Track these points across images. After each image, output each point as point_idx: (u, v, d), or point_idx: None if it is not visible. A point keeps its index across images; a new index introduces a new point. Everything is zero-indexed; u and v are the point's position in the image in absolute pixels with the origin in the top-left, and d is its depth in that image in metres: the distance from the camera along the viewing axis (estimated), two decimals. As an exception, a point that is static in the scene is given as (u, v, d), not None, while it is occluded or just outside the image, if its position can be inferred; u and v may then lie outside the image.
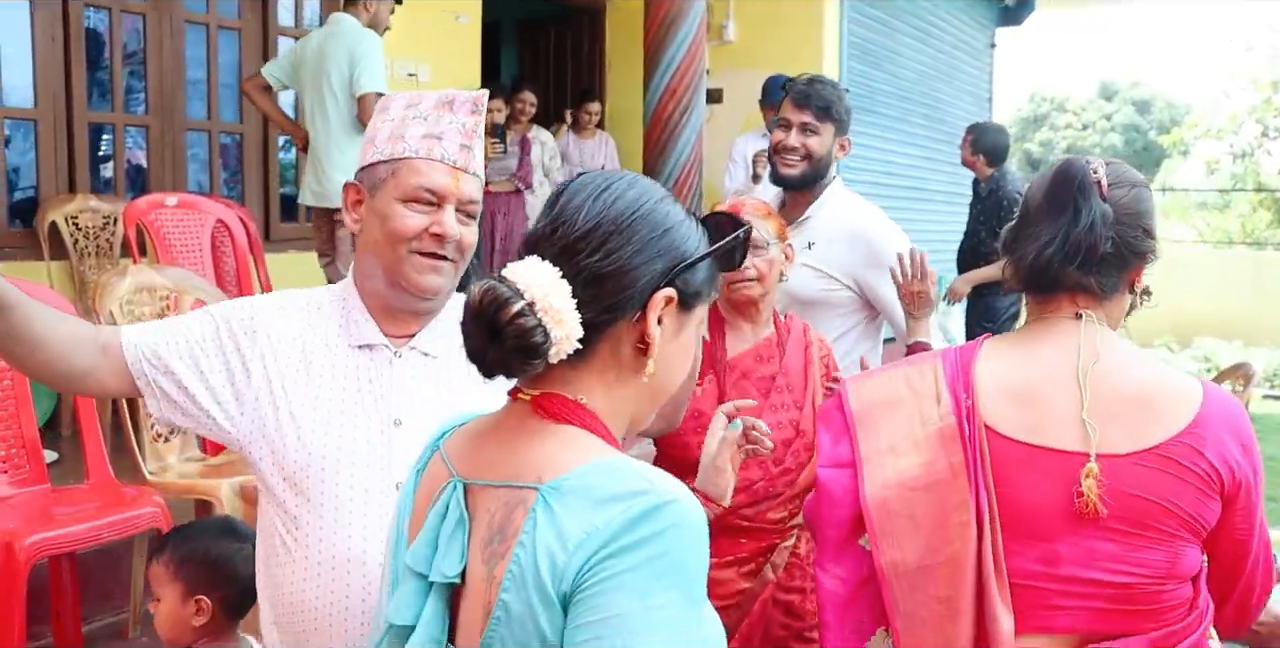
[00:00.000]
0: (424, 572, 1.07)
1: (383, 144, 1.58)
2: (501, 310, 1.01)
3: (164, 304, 3.45)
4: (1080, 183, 1.45)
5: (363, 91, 4.67)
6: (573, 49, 8.40)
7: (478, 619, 1.01)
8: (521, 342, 1.01)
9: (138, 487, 3.01)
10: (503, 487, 1.04)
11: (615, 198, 1.09)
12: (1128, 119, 38.99)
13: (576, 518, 0.97)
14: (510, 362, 1.03)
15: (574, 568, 0.95)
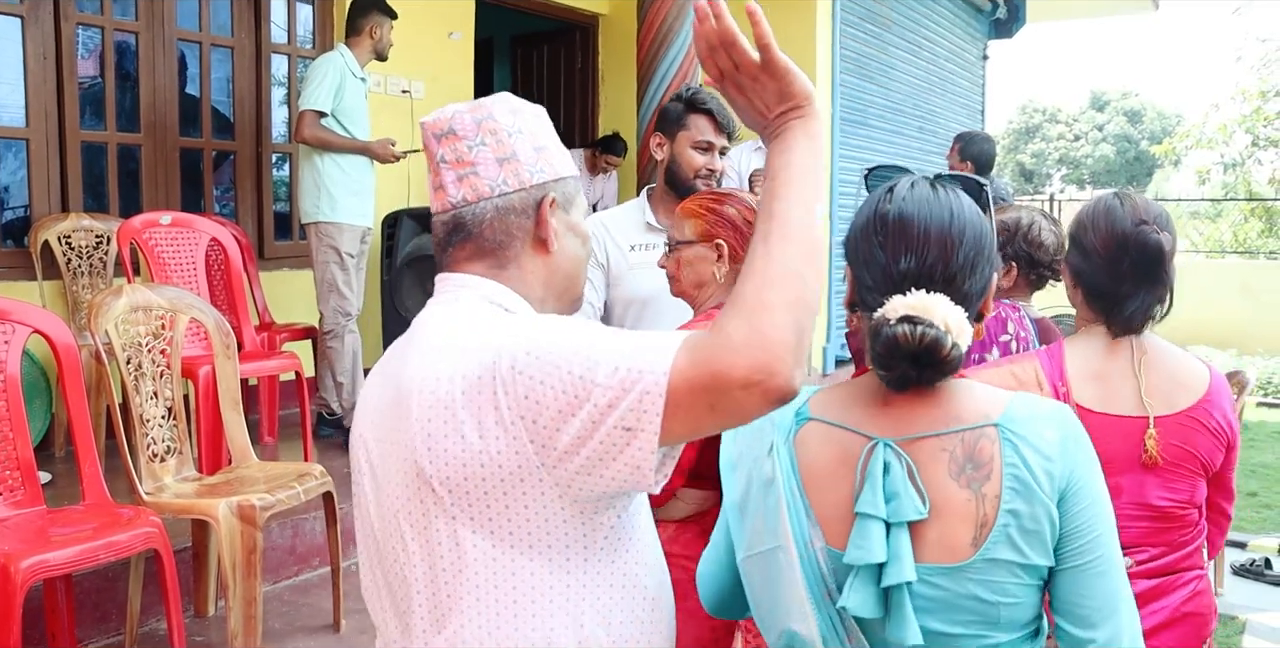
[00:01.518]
0: (882, 516, 1.26)
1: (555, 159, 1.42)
2: (939, 350, 1.25)
3: (159, 323, 3.44)
4: (1160, 256, 1.94)
5: (299, 110, 4.87)
6: (566, 65, 8.42)
7: (968, 531, 1.28)
8: (953, 366, 1.28)
9: (134, 507, 2.99)
10: (945, 434, 1.31)
11: (964, 225, 1.33)
12: (1119, 129, 39.16)
13: (1040, 438, 1.29)
14: (935, 378, 1.30)
15: (1062, 472, 1.29)
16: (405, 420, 1.23)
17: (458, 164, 1.35)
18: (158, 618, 3.36)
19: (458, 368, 1.21)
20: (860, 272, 1.37)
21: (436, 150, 1.37)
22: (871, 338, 1.29)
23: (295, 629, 3.52)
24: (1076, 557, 1.30)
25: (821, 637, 1.30)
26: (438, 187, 1.37)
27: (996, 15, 10.74)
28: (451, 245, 1.37)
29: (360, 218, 5.01)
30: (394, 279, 5.81)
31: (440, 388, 1.21)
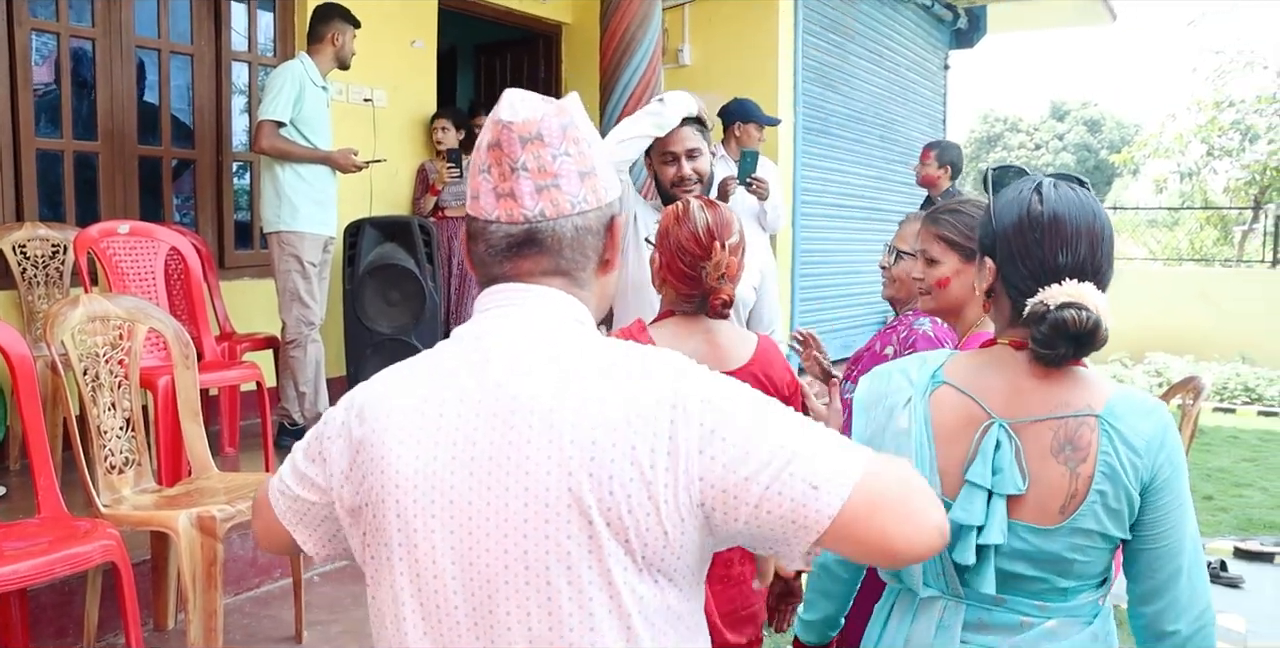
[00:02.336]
0: (987, 486, 1.50)
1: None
2: (1098, 332, 1.47)
3: (117, 333, 3.40)
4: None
5: (258, 120, 4.87)
6: (529, 73, 8.42)
7: (1057, 503, 1.51)
8: (1102, 344, 1.48)
9: (91, 520, 2.95)
10: (1051, 419, 1.52)
11: (1104, 223, 1.55)
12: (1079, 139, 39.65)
13: (1134, 433, 1.49)
14: (1084, 354, 1.51)
15: (1149, 468, 1.50)
16: (548, 445, 1.12)
17: (540, 174, 1.23)
18: (116, 632, 3.32)
19: (625, 392, 1.14)
20: (1012, 264, 1.56)
21: (518, 155, 1.23)
22: (1035, 322, 1.50)
23: (257, 641, 3.49)
24: (1152, 541, 1.54)
25: (924, 571, 1.58)
26: (506, 193, 1.23)
27: (957, 25, 10.84)
28: (519, 256, 1.25)
29: (322, 227, 4.98)
30: (356, 288, 5.78)
31: (608, 411, 1.12)
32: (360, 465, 1.21)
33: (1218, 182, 18.65)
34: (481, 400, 1.16)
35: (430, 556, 1.15)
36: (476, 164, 1.27)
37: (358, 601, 3.85)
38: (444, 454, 1.15)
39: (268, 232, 4.96)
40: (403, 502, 1.16)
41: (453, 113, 6.81)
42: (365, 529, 1.22)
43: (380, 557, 1.20)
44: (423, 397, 1.19)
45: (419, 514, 1.15)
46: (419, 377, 1.23)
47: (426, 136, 6.88)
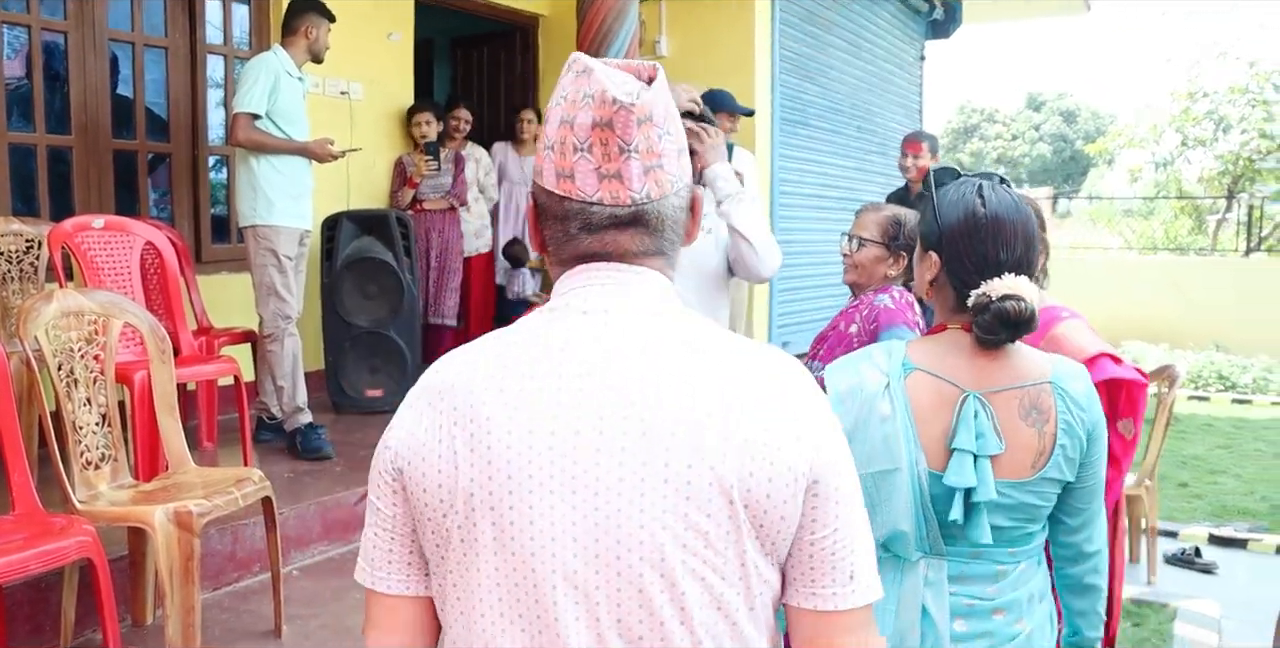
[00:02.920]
0: (973, 450, 1.72)
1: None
2: (1032, 319, 1.71)
3: (92, 328, 3.38)
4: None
5: (233, 113, 4.83)
6: (506, 65, 8.39)
7: (1029, 459, 1.76)
8: (1033, 330, 1.73)
9: (66, 516, 2.94)
10: (1016, 388, 1.77)
11: (1032, 224, 1.80)
12: (1055, 129, 39.83)
13: (1077, 393, 1.79)
14: (1018, 338, 1.76)
15: (1090, 420, 1.80)
16: (690, 430, 1.09)
17: (649, 154, 1.18)
18: (93, 629, 3.31)
19: (770, 388, 1.14)
20: (958, 260, 1.78)
21: (633, 137, 1.16)
22: (979, 311, 1.73)
23: (236, 636, 3.48)
24: (1088, 479, 1.83)
25: (916, 539, 1.76)
26: (613, 175, 1.17)
27: (934, 16, 10.86)
28: (620, 233, 1.20)
29: (298, 220, 4.95)
30: (334, 282, 5.77)
31: (781, 397, 1.14)
32: (462, 451, 1.13)
33: (1192, 171, 18.78)
34: (612, 381, 1.12)
35: (550, 543, 1.10)
36: (566, 142, 1.18)
37: (337, 594, 3.85)
38: (565, 434, 1.10)
39: (243, 225, 4.93)
40: (517, 492, 1.10)
41: (433, 106, 6.80)
42: (459, 520, 1.13)
43: (475, 546, 1.13)
44: (537, 375, 1.14)
45: (537, 505, 1.10)
46: (524, 355, 1.16)
47: (404, 130, 6.86)
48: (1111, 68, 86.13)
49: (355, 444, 5.16)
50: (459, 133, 6.78)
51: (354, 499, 4.38)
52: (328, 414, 5.76)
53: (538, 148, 1.23)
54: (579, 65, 1.20)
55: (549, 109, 1.22)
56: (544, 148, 1.21)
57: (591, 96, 1.17)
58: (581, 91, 1.18)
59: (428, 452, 1.15)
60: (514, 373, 1.14)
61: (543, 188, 1.21)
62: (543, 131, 1.23)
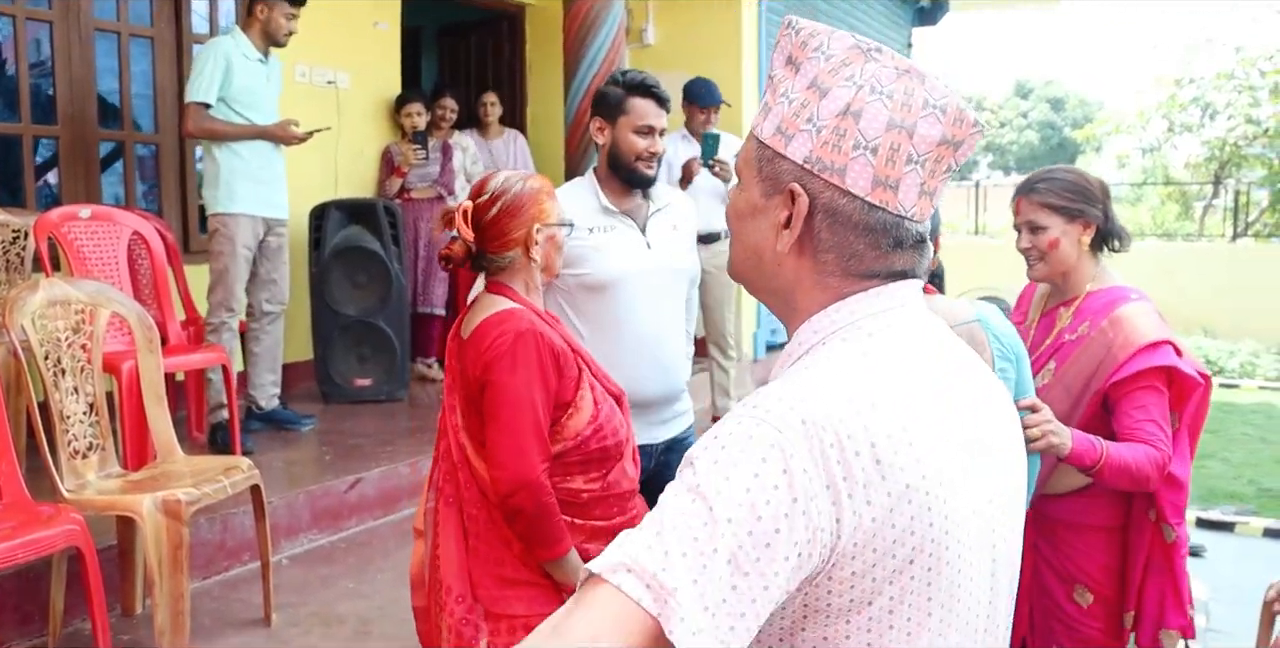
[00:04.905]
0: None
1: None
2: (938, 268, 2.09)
3: (79, 318, 3.38)
4: None
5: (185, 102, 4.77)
6: (493, 54, 8.37)
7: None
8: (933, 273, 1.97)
9: (54, 505, 2.94)
10: (956, 326, 2.04)
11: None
12: (1043, 116, 39.88)
13: (998, 328, 2.20)
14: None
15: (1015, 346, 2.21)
16: (1013, 446, 1.15)
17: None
18: (82, 618, 3.31)
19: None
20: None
21: (966, 157, 1.15)
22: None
23: (225, 625, 3.49)
24: (1021, 396, 2.17)
25: None
26: (930, 193, 1.11)
27: (920, 4, 10.87)
28: (915, 253, 1.14)
29: (263, 208, 4.87)
30: (322, 271, 5.76)
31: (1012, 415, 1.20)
32: (915, 509, 0.98)
33: (1178, 157, 18.84)
34: (966, 405, 1.10)
35: (973, 577, 1.05)
36: (900, 150, 1.07)
37: (326, 583, 3.86)
38: (961, 467, 1.04)
39: (207, 214, 4.90)
40: (956, 532, 1.01)
41: (420, 96, 6.78)
42: (903, 580, 1.00)
43: (931, 595, 1.01)
44: (927, 412, 1.04)
45: (966, 540, 1.03)
46: (915, 394, 1.05)
47: (391, 119, 6.84)
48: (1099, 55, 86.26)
49: (344, 433, 5.17)
50: (446, 122, 6.76)
51: (343, 488, 4.38)
52: (316, 404, 5.75)
53: (826, 139, 1.07)
54: (893, 60, 1.10)
55: (851, 99, 1.07)
56: (853, 146, 1.06)
57: (942, 110, 1.08)
58: (919, 97, 1.08)
59: (880, 525, 0.99)
60: (919, 423, 1.02)
61: (844, 190, 1.07)
62: (842, 123, 1.07)
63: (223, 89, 4.71)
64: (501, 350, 2.10)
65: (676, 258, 2.88)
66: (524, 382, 2.09)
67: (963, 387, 1.10)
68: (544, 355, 2.11)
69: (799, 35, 1.15)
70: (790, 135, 1.10)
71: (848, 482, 0.95)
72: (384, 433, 5.19)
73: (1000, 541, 1.09)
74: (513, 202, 2.19)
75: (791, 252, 1.11)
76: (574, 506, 2.18)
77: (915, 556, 0.98)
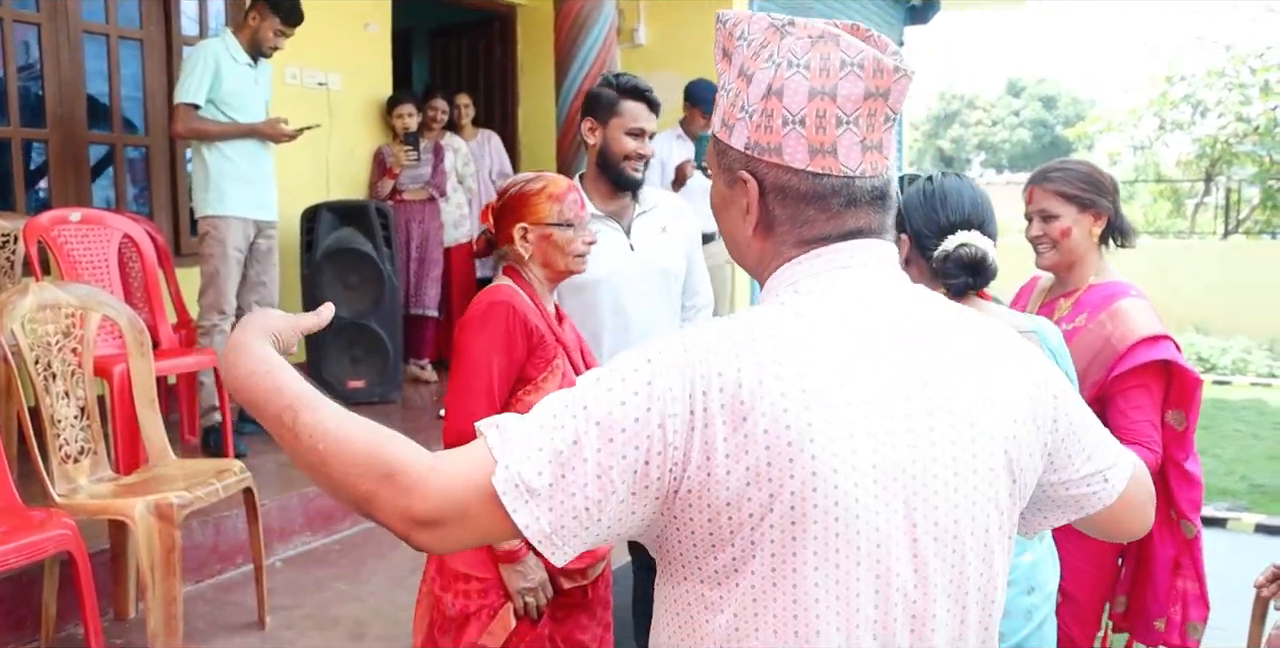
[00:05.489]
0: None
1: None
2: (987, 261, 1.97)
3: (69, 322, 3.37)
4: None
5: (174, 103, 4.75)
6: (485, 55, 8.37)
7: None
8: (993, 275, 1.98)
9: (46, 510, 2.93)
10: None
11: (977, 191, 2.08)
12: (1035, 115, 39.92)
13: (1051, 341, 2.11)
14: (982, 284, 1.99)
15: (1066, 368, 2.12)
16: (988, 413, 1.11)
17: (896, 118, 1.14)
18: (75, 623, 3.30)
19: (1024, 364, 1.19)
20: (919, 231, 2.04)
21: (900, 105, 1.12)
22: (941, 262, 1.98)
23: (219, 628, 3.48)
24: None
25: None
26: (875, 145, 1.12)
27: (912, 3, 10.88)
28: (874, 210, 1.14)
29: (253, 210, 4.84)
30: (314, 273, 5.75)
31: (1022, 381, 1.16)
32: (772, 456, 1.01)
33: (1170, 155, 18.88)
34: (916, 368, 1.09)
35: (875, 538, 1.05)
36: (826, 115, 1.09)
37: (320, 585, 3.85)
38: (883, 424, 1.05)
39: (197, 216, 4.89)
40: (842, 486, 1.03)
41: (412, 98, 6.77)
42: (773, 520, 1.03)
43: (794, 554, 1.04)
44: (840, 365, 1.06)
45: (863, 498, 1.04)
46: (821, 346, 1.06)
47: (383, 120, 6.83)
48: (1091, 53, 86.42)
49: (338, 436, 5.15)
50: (437, 123, 6.75)
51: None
52: (310, 406, 5.74)
53: (758, 123, 1.11)
54: (806, 29, 1.12)
55: (771, 78, 1.11)
56: (782, 123, 1.10)
57: (858, 65, 1.09)
58: (835, 58, 1.09)
59: (734, 466, 1.03)
60: (818, 371, 1.05)
61: (785, 166, 1.11)
62: (765, 104, 1.11)
63: (211, 91, 4.70)
64: (474, 314, 2.22)
65: (663, 259, 2.91)
66: (486, 345, 2.18)
67: (927, 350, 1.10)
68: (513, 325, 2.19)
69: (726, 26, 1.19)
70: (731, 126, 1.16)
71: (707, 413, 1.02)
72: (377, 435, 5.17)
73: (930, 510, 1.07)
74: (508, 201, 2.33)
75: (757, 234, 1.16)
76: None
77: (774, 504, 1.02)
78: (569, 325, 2.40)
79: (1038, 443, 1.17)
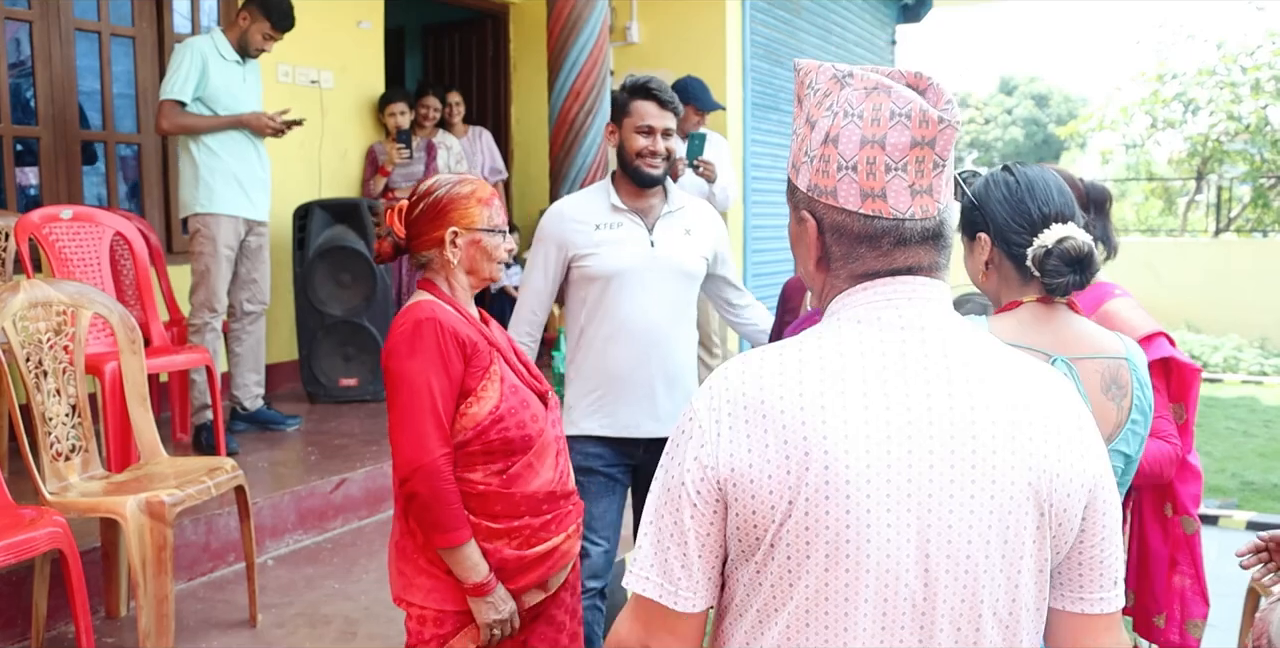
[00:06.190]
0: None
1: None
2: (1094, 255, 1.82)
3: (61, 319, 3.36)
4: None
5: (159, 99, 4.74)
6: (477, 53, 8.36)
7: (1106, 428, 1.83)
8: (1096, 270, 1.84)
9: (36, 508, 2.93)
10: (1097, 358, 1.85)
11: (1054, 176, 1.94)
12: (1028, 113, 39.97)
13: (1142, 372, 1.88)
14: (1086, 282, 1.84)
15: (1149, 398, 1.88)
16: (1012, 443, 1.15)
17: (949, 165, 1.20)
18: (66, 621, 3.30)
19: (1063, 403, 1.21)
20: (1008, 229, 1.89)
21: (949, 152, 1.18)
22: (1043, 258, 1.82)
23: (211, 626, 3.48)
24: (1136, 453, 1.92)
25: None
26: (924, 190, 1.18)
27: (904, 0, 10.88)
28: (924, 248, 1.21)
29: (243, 209, 4.84)
30: (306, 271, 5.74)
31: (1069, 409, 1.21)
32: (796, 470, 1.12)
33: (1161, 153, 18.90)
34: (943, 401, 1.15)
35: (885, 550, 1.12)
36: (876, 162, 1.17)
37: (311, 583, 3.85)
38: (899, 447, 1.13)
39: (184, 215, 4.87)
40: (854, 498, 1.11)
41: (404, 95, 6.75)
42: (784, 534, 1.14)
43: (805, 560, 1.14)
44: (868, 393, 1.14)
45: (874, 510, 1.11)
46: (847, 371, 1.16)
47: (375, 118, 6.82)
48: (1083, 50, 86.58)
49: (330, 433, 5.16)
50: (429, 121, 6.74)
51: (329, 488, 4.37)
52: (302, 404, 5.74)
53: (818, 168, 1.20)
54: (863, 81, 1.20)
55: (829, 127, 1.20)
56: (837, 169, 1.19)
57: (906, 116, 1.17)
58: (886, 109, 1.17)
59: (756, 472, 1.14)
60: (839, 389, 1.15)
61: (838, 208, 1.20)
62: (824, 151, 1.20)
63: (199, 89, 4.69)
64: (401, 338, 2.15)
65: (682, 259, 2.96)
66: (421, 367, 2.12)
67: (961, 381, 1.17)
68: (445, 342, 2.14)
69: (799, 74, 1.28)
70: (799, 168, 1.25)
71: (733, 429, 1.15)
72: (369, 433, 5.18)
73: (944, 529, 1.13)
74: (434, 204, 2.26)
75: (820, 268, 1.25)
76: (470, 497, 2.17)
77: (792, 510, 1.12)
78: (496, 327, 2.36)
79: (1079, 493, 1.19)
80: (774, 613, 1.16)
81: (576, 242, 2.90)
